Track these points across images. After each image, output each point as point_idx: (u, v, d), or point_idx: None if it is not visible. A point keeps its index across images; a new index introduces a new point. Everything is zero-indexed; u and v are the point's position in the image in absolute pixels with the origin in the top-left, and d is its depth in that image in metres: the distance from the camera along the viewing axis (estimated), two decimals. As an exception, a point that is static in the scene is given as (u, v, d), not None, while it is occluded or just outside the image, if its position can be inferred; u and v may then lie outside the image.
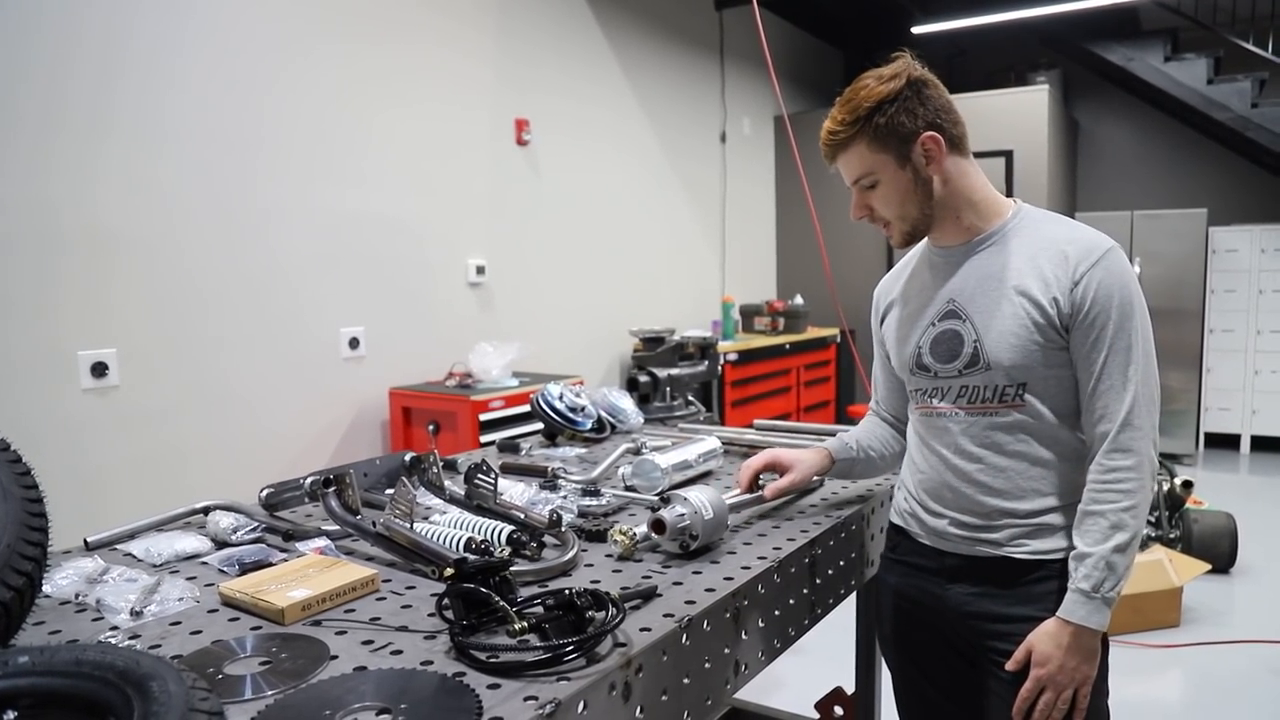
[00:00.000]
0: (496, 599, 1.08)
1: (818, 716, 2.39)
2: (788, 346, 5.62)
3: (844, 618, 1.93)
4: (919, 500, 1.55)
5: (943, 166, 1.42)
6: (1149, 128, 7.00)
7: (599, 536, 1.48)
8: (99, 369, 2.72)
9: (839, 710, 2.35)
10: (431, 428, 3.50)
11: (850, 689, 2.28)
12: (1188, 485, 4.22)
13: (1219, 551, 4.00)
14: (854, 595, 1.82)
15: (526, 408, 3.26)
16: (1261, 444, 6.36)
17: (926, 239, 1.52)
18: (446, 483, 1.67)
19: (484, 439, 3.30)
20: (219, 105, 3.02)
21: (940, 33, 5.93)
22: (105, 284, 2.74)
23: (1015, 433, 1.42)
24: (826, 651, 2.67)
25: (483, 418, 3.38)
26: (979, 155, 1.49)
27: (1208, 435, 6.47)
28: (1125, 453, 1.36)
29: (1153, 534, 4.21)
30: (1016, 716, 1.40)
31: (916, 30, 5.96)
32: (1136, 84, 6.36)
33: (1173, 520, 4.19)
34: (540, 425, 2.38)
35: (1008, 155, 5.74)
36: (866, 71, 1.43)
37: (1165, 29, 6.18)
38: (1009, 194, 1.49)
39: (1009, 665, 1.41)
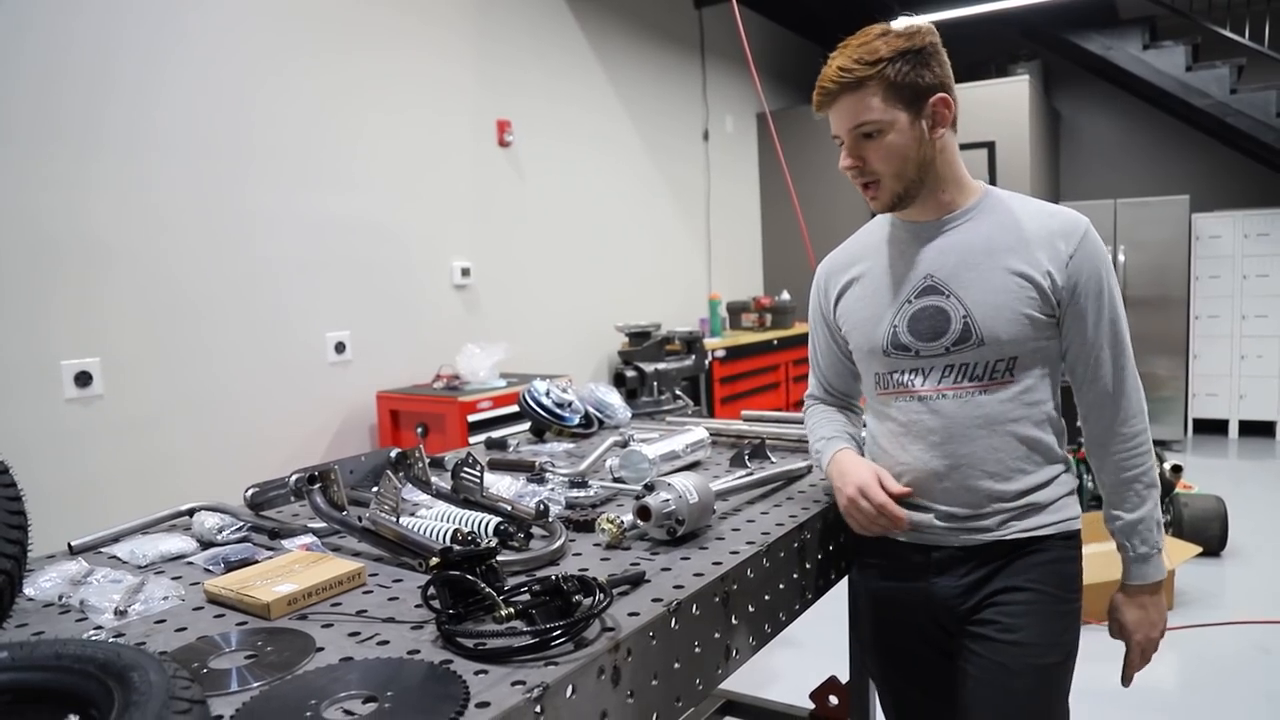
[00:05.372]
0: (483, 586, 1.07)
1: (813, 707, 2.39)
2: (775, 342, 5.62)
3: (836, 608, 1.93)
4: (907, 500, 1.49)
5: (944, 134, 1.40)
6: (1130, 116, 7.04)
7: (587, 527, 1.47)
8: (83, 378, 2.70)
9: (833, 699, 2.35)
10: (420, 430, 3.48)
11: (844, 679, 2.28)
12: (1177, 470, 4.24)
13: (1210, 535, 4.02)
14: (845, 583, 1.82)
15: (514, 408, 3.25)
16: (1249, 428, 6.40)
17: (891, 213, 1.48)
18: (432, 478, 1.66)
19: (472, 440, 3.29)
20: (204, 114, 3.01)
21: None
22: (88, 293, 2.72)
23: (1007, 410, 1.41)
24: (820, 643, 2.67)
25: (471, 419, 3.37)
26: (961, 148, 1.48)
27: (1196, 421, 6.50)
28: (1136, 417, 1.43)
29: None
30: (1128, 684, 1.53)
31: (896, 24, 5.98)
32: (1116, 73, 6.40)
33: (1164, 505, 4.21)
34: (529, 424, 2.37)
35: (990, 146, 5.76)
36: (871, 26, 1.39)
37: (1143, 17, 6.22)
38: (993, 184, 1.48)
39: (1130, 675, 1.53)
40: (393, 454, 1.70)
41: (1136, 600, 1.47)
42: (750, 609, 1.35)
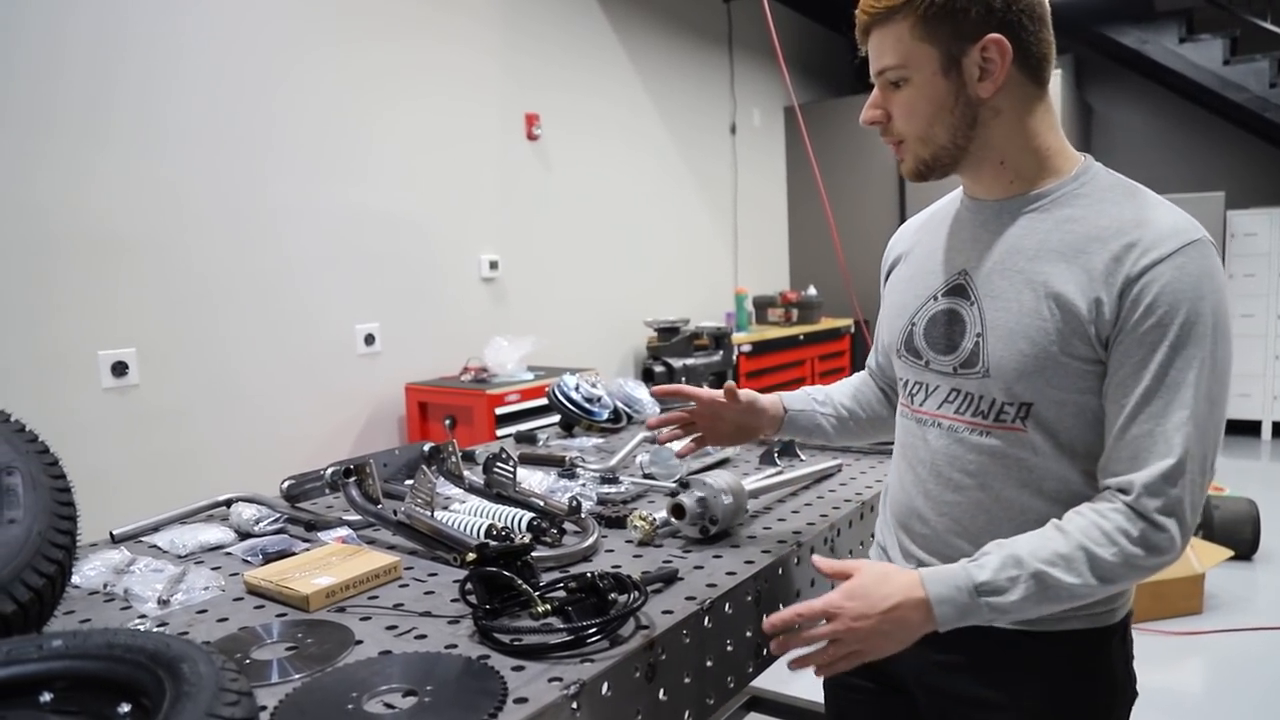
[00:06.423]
0: (519, 582, 1.08)
1: (839, 704, 2.38)
2: (802, 337, 5.60)
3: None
4: (893, 529, 1.25)
5: (999, 87, 1.03)
6: (1164, 111, 6.93)
7: (618, 523, 1.48)
8: (119, 368, 2.74)
9: (860, 697, 2.35)
10: (448, 422, 3.51)
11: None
12: (1208, 470, 4.18)
13: (1241, 538, 3.97)
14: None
15: (542, 401, 3.28)
16: (1283, 429, 6.30)
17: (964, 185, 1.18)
18: (465, 472, 1.68)
19: (500, 432, 3.31)
20: (227, 106, 3.03)
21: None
22: (122, 284, 2.76)
23: (1008, 465, 1.09)
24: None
25: (499, 411, 3.39)
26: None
27: (1229, 422, 6.37)
28: (1158, 527, 0.98)
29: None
30: (768, 628, 1.06)
31: (927, 17, 5.91)
32: (1151, 67, 6.30)
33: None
34: (557, 417, 2.38)
35: (1021, 141, 5.69)
36: None
37: (1179, 10, 6.11)
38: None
39: (823, 566, 1.06)
40: (426, 448, 1.72)
41: (897, 590, 0.99)
42: (781, 607, 1.35)
